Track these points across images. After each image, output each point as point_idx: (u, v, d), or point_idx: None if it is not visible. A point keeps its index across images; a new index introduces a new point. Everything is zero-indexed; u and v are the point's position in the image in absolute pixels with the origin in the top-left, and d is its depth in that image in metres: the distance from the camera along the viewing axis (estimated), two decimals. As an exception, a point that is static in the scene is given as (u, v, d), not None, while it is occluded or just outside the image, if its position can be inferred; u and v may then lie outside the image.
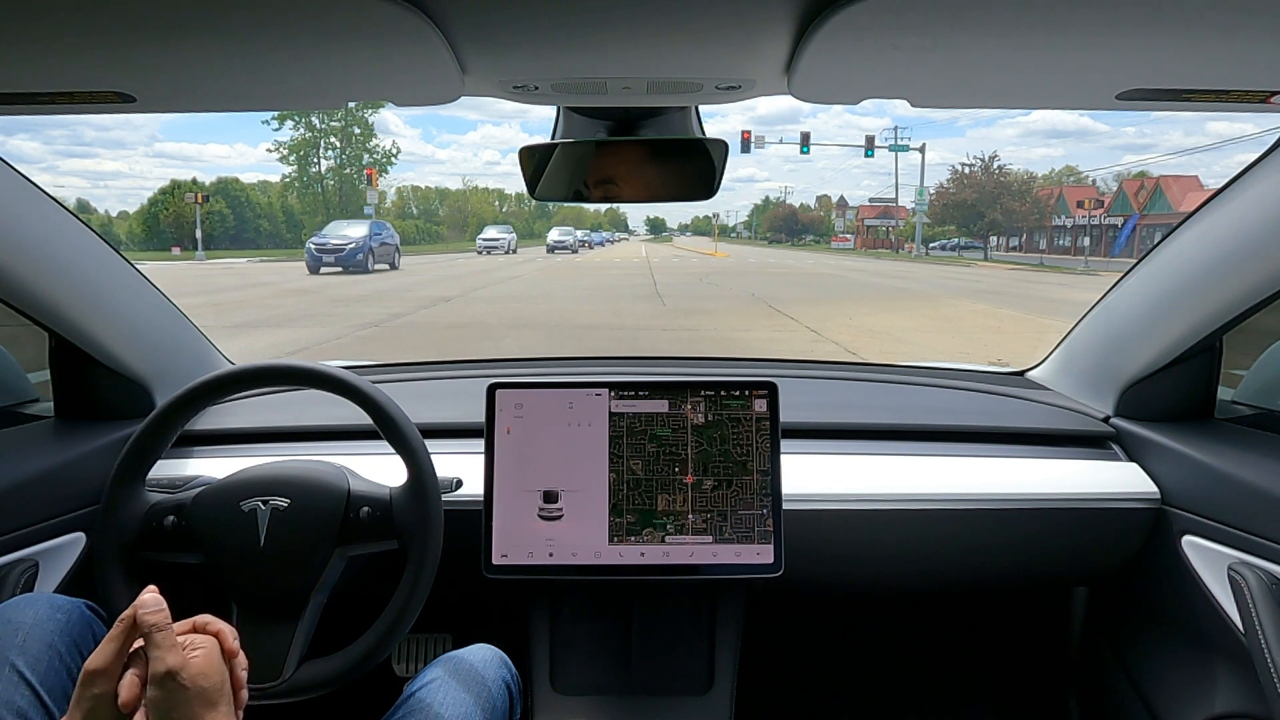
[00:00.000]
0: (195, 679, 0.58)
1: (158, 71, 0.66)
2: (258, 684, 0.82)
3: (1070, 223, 36.13)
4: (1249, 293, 0.97)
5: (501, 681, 0.91)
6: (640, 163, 0.95)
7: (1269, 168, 0.91)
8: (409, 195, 64.23)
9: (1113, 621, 1.26)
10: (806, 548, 1.06)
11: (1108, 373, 1.22)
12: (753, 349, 7.26)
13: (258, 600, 0.86)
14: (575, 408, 1.01)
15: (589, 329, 8.54)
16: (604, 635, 1.13)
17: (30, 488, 0.94)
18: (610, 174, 0.95)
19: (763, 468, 1.00)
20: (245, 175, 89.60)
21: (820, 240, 62.38)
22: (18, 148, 72.91)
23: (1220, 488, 0.99)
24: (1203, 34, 0.57)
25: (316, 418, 1.17)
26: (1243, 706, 0.98)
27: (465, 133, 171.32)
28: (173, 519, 0.88)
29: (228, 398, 1.25)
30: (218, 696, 0.60)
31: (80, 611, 0.80)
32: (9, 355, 1.24)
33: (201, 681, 0.59)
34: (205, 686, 0.59)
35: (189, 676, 0.58)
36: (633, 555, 0.99)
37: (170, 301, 1.23)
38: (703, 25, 0.60)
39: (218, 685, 0.60)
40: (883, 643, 1.55)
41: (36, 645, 0.73)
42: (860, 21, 0.54)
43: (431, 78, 0.68)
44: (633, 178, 0.95)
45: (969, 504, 1.09)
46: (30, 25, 0.55)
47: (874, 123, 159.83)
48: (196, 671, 0.59)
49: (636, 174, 0.95)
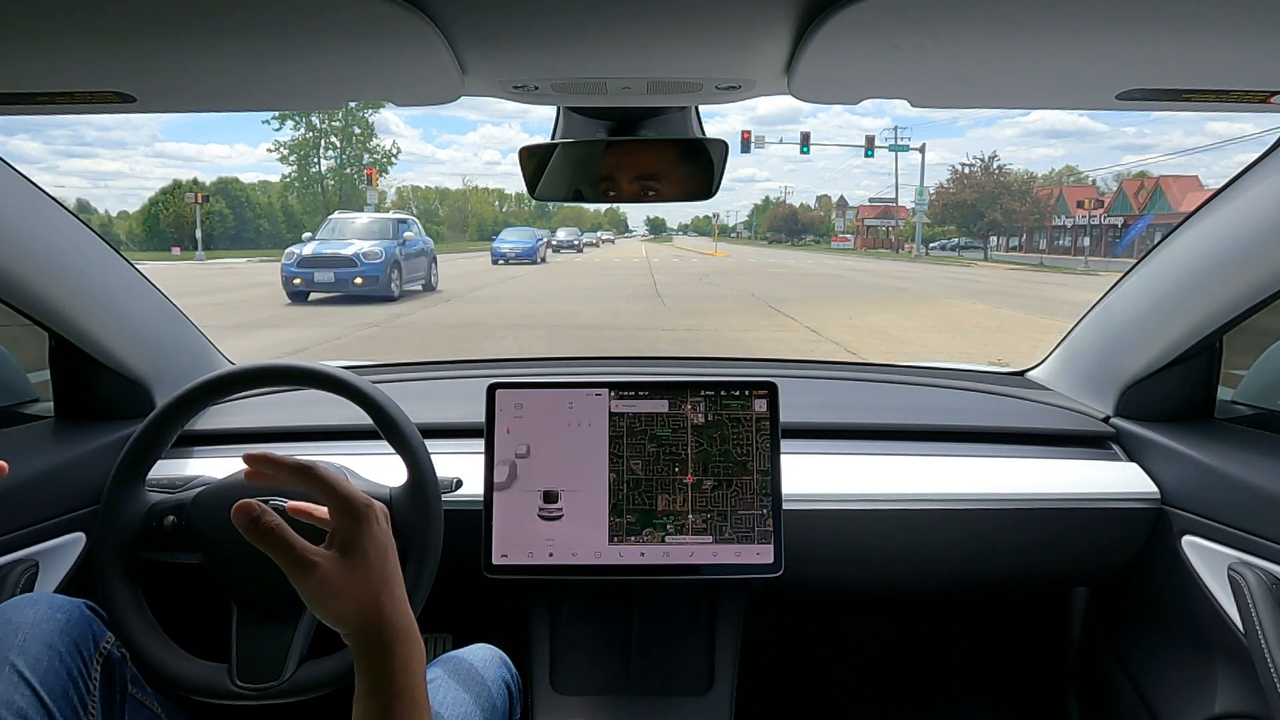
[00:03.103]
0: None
1: (158, 71, 0.66)
2: (257, 684, 0.82)
3: (1070, 223, 36.14)
4: (1249, 293, 0.97)
5: (501, 681, 0.91)
6: (640, 163, 0.95)
7: (1269, 168, 0.91)
8: (409, 195, 64.27)
9: (1113, 621, 1.26)
10: (806, 548, 1.06)
11: (1108, 373, 1.22)
12: (753, 349, 7.26)
13: (258, 600, 0.86)
14: (575, 408, 1.01)
15: (589, 329, 8.54)
16: (604, 635, 1.13)
17: (30, 488, 0.94)
18: (610, 174, 0.95)
19: (763, 468, 1.00)
20: (245, 175, 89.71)
21: (820, 240, 62.42)
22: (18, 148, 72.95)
23: (1220, 488, 0.99)
24: (1203, 34, 0.57)
25: (316, 418, 1.17)
26: (1243, 706, 0.98)
27: (465, 133, 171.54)
28: (173, 519, 0.88)
29: (228, 398, 1.25)
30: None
31: (80, 611, 0.80)
32: (9, 355, 1.24)
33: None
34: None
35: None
36: (633, 555, 0.99)
37: (170, 301, 1.23)
38: (702, 25, 0.60)
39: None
40: (882, 643, 1.55)
41: (36, 645, 0.73)
42: (860, 21, 0.54)
43: (431, 78, 0.68)
44: (633, 178, 0.95)
45: (969, 504, 1.09)
46: (30, 25, 0.55)
47: (874, 123, 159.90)
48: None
49: (636, 174, 0.95)
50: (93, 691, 0.76)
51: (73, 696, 0.74)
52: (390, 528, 0.61)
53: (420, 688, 0.57)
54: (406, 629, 0.58)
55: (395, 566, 0.60)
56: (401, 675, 0.56)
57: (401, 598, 0.59)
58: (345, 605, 0.55)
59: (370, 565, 0.57)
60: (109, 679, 0.79)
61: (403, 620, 0.58)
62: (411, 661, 0.57)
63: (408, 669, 0.57)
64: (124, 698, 0.81)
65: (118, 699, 0.80)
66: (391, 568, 0.59)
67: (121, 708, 0.81)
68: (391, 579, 0.59)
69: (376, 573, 0.57)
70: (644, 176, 0.95)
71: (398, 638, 0.57)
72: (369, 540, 0.58)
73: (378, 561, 0.58)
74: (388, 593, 0.58)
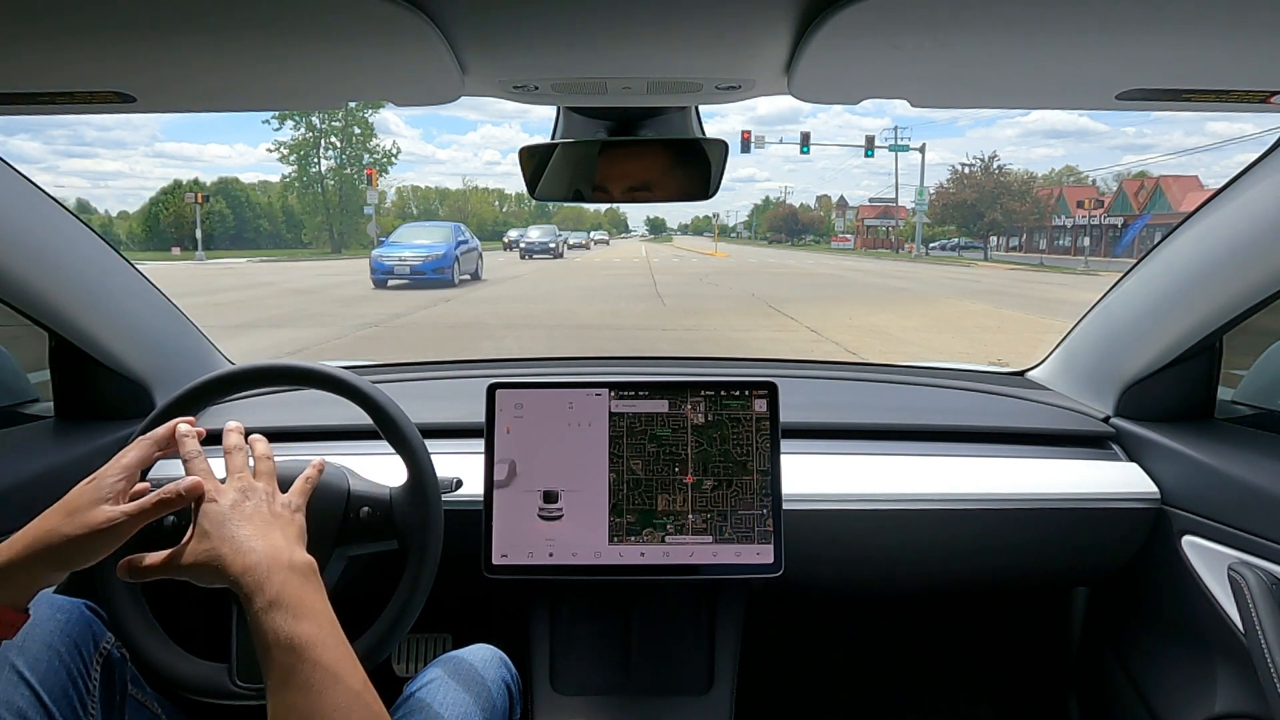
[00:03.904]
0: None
1: (158, 71, 0.66)
2: (257, 684, 0.82)
3: (1070, 223, 36.17)
4: (1249, 293, 0.97)
5: (501, 681, 0.91)
6: (640, 163, 0.95)
7: (1269, 168, 0.91)
8: (409, 195, 64.31)
9: (1113, 621, 1.26)
10: (806, 548, 1.06)
11: (1108, 373, 1.22)
12: (753, 349, 7.27)
13: None
14: (575, 408, 1.01)
15: (589, 329, 8.55)
16: (604, 635, 1.13)
17: (30, 488, 0.94)
18: (610, 174, 0.95)
19: (763, 468, 1.00)
20: (245, 175, 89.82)
21: (820, 240, 62.45)
22: (18, 148, 73.02)
23: (1220, 488, 0.99)
24: (1203, 34, 0.57)
25: (316, 418, 1.17)
26: (1243, 706, 0.98)
27: (465, 133, 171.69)
28: (173, 519, 0.87)
29: (228, 398, 1.25)
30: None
31: (80, 612, 0.80)
32: (9, 355, 1.24)
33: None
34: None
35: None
36: (633, 555, 0.99)
37: (170, 301, 1.23)
38: (702, 25, 0.60)
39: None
40: (883, 643, 1.55)
41: (36, 645, 0.73)
42: (860, 21, 0.54)
43: (431, 78, 0.68)
44: (632, 178, 0.95)
45: (969, 504, 1.09)
46: (30, 25, 0.55)
47: (874, 123, 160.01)
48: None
49: (636, 174, 0.95)
50: (92, 691, 0.76)
51: (72, 696, 0.74)
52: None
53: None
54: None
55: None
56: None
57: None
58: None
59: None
60: (109, 679, 0.79)
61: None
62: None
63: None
64: (124, 698, 0.81)
65: (117, 699, 0.80)
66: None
67: (121, 708, 0.81)
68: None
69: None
70: (644, 176, 0.95)
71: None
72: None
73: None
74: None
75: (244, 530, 0.64)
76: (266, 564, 0.62)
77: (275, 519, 0.68)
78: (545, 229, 27.02)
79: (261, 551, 0.63)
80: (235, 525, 0.65)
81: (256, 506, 0.68)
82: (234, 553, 0.62)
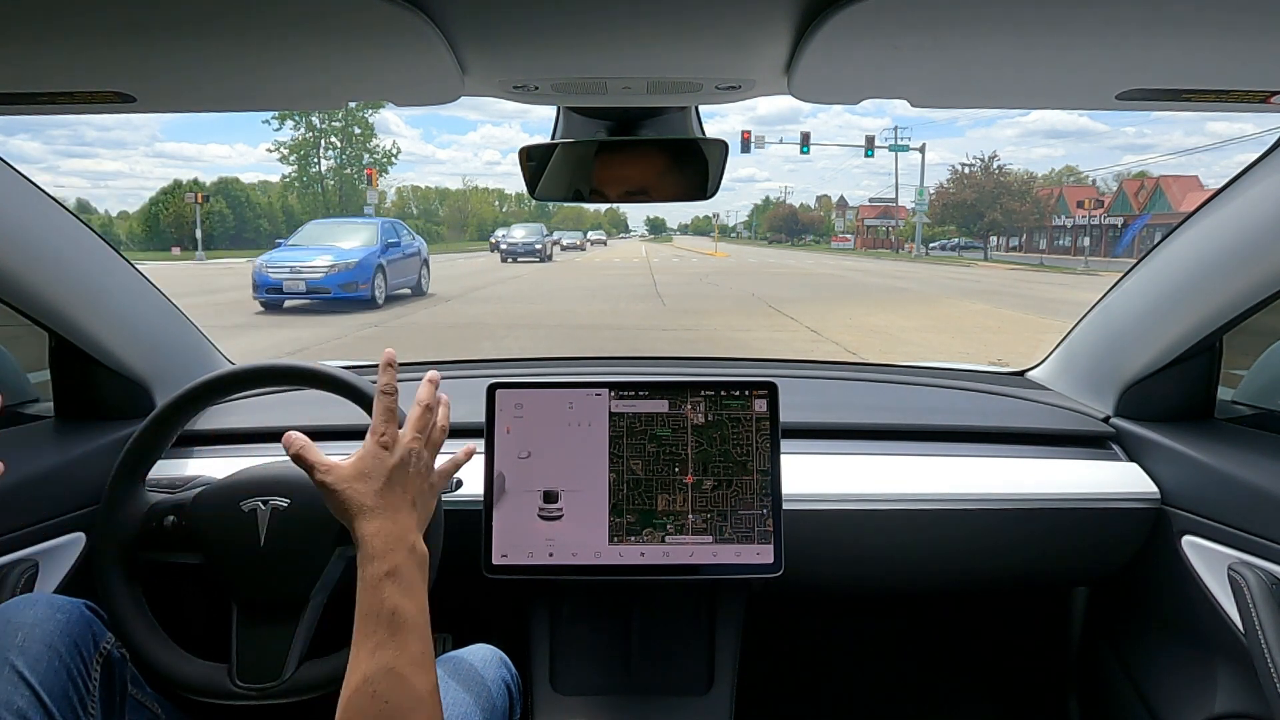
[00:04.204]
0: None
1: (158, 71, 0.66)
2: (257, 684, 0.82)
3: (1070, 223, 36.18)
4: (1249, 293, 0.97)
5: (501, 681, 0.91)
6: (640, 163, 0.95)
7: (1269, 168, 0.91)
8: (409, 195, 64.33)
9: (1113, 621, 1.26)
10: (806, 548, 1.06)
11: (1108, 373, 1.22)
12: (753, 349, 7.27)
13: (258, 600, 0.86)
14: (575, 408, 1.01)
15: (589, 329, 8.55)
16: (604, 635, 1.13)
17: (30, 488, 0.94)
18: (610, 174, 0.95)
19: (763, 468, 1.00)
20: (245, 175, 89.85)
21: (820, 240, 62.48)
22: (18, 148, 73.06)
23: (1220, 488, 0.99)
24: (1203, 34, 0.57)
25: (316, 418, 1.17)
26: (1243, 706, 0.98)
27: (465, 133, 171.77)
28: (173, 519, 0.88)
29: (228, 398, 1.25)
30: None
31: (80, 612, 0.80)
32: (9, 355, 1.24)
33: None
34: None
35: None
36: (633, 555, 0.99)
37: (170, 301, 1.23)
38: (703, 25, 0.60)
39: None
40: (883, 643, 1.55)
41: (36, 645, 0.73)
42: (860, 21, 0.54)
43: (431, 78, 0.68)
44: (633, 178, 0.95)
45: (969, 504, 1.09)
46: (30, 25, 0.55)
47: (874, 123, 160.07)
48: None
49: (636, 174, 0.95)
50: (92, 692, 0.76)
51: (72, 697, 0.74)
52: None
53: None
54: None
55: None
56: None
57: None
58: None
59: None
60: (109, 679, 0.79)
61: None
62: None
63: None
64: (124, 698, 0.81)
65: (117, 699, 0.80)
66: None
67: (121, 708, 0.81)
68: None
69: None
70: (644, 177, 0.95)
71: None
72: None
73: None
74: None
75: (395, 493, 0.68)
76: (397, 537, 0.65)
77: (422, 495, 0.72)
78: (531, 228, 23.61)
79: (400, 523, 0.67)
80: (392, 484, 0.68)
81: (418, 471, 0.72)
82: (377, 509, 0.66)
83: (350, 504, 0.67)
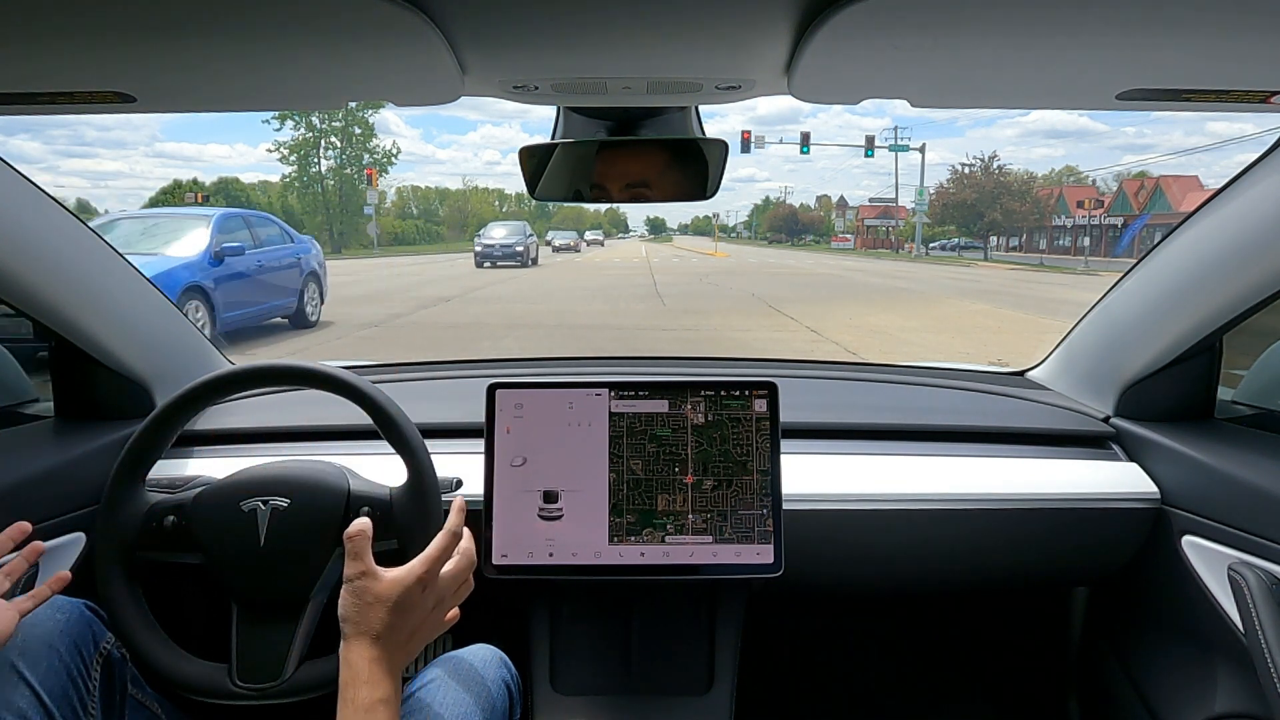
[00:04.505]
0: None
1: (158, 71, 0.66)
2: (257, 684, 0.82)
3: (1070, 223, 36.18)
4: (1249, 293, 0.97)
5: (501, 681, 0.91)
6: (640, 163, 0.95)
7: (1269, 168, 0.91)
8: (409, 195, 64.28)
9: (1113, 621, 1.26)
10: (806, 548, 1.06)
11: (1108, 373, 1.22)
12: (753, 349, 7.26)
13: (258, 600, 0.86)
14: (575, 408, 1.01)
15: (589, 329, 8.55)
16: (604, 635, 1.13)
17: (30, 488, 0.94)
18: (610, 174, 0.95)
19: (763, 468, 1.00)
20: (245, 175, 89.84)
21: (820, 240, 62.47)
22: (18, 148, 73.06)
23: (1220, 488, 0.99)
24: (1203, 34, 0.57)
25: (316, 418, 1.17)
26: (1243, 706, 0.98)
27: (465, 133, 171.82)
28: (173, 519, 0.88)
29: (228, 398, 1.25)
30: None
31: (80, 612, 0.80)
32: (9, 355, 1.24)
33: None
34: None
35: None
36: (633, 555, 0.99)
37: (170, 301, 1.23)
38: (703, 25, 0.60)
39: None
40: (883, 643, 1.55)
41: (36, 645, 0.73)
42: (860, 21, 0.54)
43: (431, 78, 0.68)
44: (632, 178, 0.95)
45: (969, 504, 1.09)
46: (30, 25, 0.55)
47: (874, 123, 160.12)
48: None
49: (636, 174, 0.95)
50: (92, 692, 0.76)
51: (72, 697, 0.74)
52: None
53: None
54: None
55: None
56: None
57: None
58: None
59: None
60: (109, 679, 0.79)
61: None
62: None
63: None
64: (124, 698, 0.81)
65: (117, 699, 0.80)
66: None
67: (121, 708, 0.81)
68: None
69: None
70: (644, 176, 0.95)
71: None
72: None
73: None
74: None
75: (406, 627, 0.70)
76: (398, 665, 0.69)
77: (432, 628, 0.74)
78: (512, 226, 19.77)
79: (398, 658, 0.69)
80: (407, 620, 0.70)
81: (432, 613, 0.73)
82: (382, 638, 0.68)
83: (366, 621, 0.68)
